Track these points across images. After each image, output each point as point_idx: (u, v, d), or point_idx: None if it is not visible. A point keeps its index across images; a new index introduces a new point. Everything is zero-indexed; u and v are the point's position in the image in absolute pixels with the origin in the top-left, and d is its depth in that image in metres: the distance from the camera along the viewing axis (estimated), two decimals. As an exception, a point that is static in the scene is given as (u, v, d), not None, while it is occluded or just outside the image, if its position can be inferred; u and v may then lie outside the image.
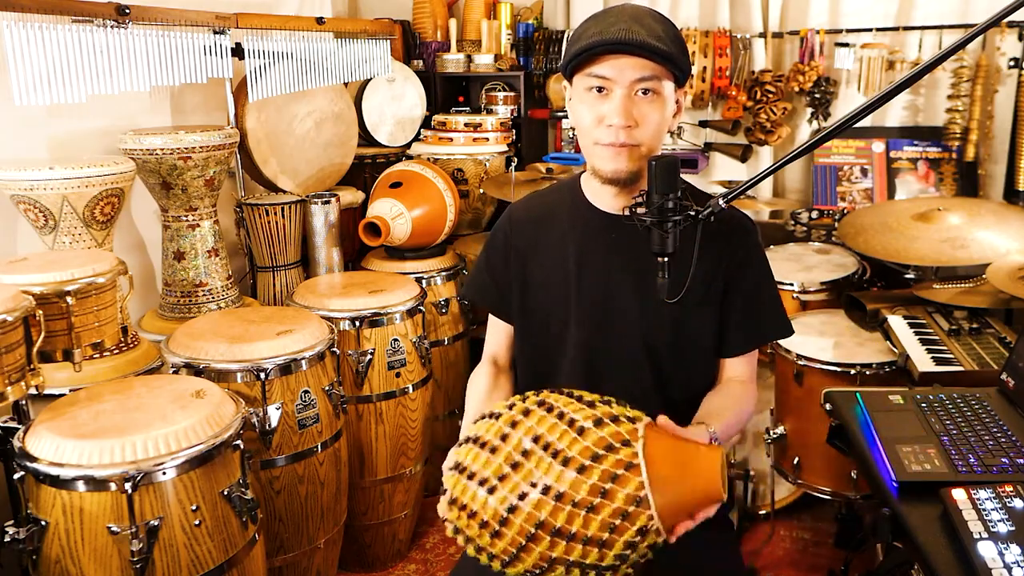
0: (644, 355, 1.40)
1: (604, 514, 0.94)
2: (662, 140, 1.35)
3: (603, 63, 1.27)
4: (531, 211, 1.51)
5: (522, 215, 1.52)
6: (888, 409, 1.44)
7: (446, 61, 3.48)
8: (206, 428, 1.55)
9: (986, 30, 1.14)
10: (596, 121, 1.31)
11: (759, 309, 1.42)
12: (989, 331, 1.99)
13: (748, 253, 1.40)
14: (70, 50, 1.90)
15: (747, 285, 1.40)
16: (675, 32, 1.30)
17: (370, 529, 2.44)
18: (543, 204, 1.51)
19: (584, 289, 1.41)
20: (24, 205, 1.95)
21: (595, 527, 0.94)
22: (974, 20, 2.88)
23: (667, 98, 1.31)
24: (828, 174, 3.16)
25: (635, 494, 0.94)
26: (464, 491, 1.01)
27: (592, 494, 0.94)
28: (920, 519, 1.12)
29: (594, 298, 1.41)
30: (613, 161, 1.32)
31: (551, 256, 1.45)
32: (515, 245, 1.49)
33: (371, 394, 2.34)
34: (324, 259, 2.74)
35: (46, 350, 1.60)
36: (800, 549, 2.49)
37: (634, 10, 1.31)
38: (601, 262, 1.41)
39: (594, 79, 1.29)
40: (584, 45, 1.27)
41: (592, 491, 0.94)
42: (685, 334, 1.40)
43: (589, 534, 0.94)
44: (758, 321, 1.43)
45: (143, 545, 1.44)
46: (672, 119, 1.35)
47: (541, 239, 1.47)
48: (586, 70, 1.29)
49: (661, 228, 1.18)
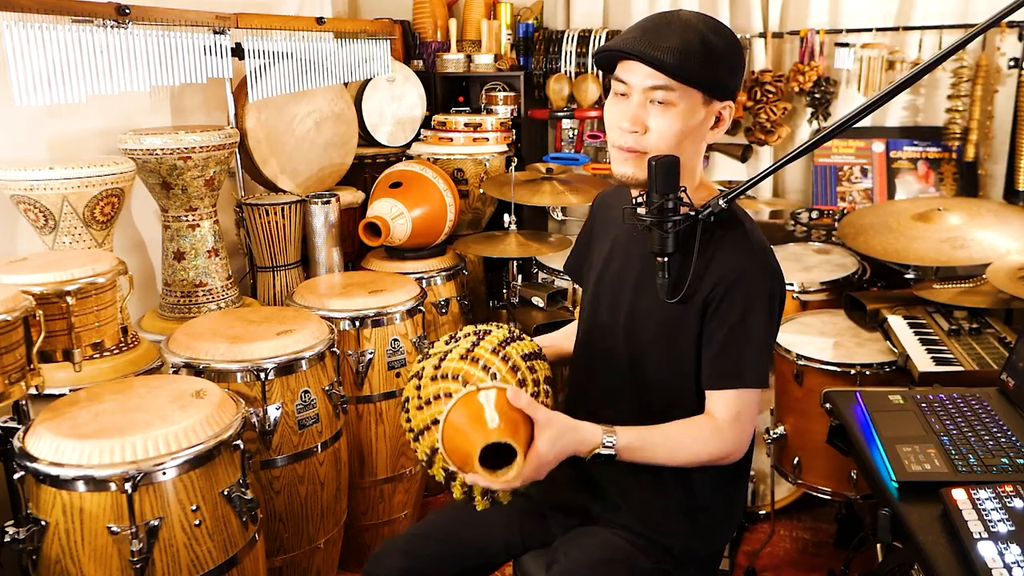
0: (626, 347, 1.42)
1: (420, 418, 1.29)
2: (680, 150, 1.30)
3: (624, 68, 1.32)
4: (611, 197, 1.60)
5: (604, 199, 1.62)
6: (888, 409, 1.44)
7: (446, 61, 3.48)
8: (206, 428, 1.55)
9: (986, 30, 1.15)
10: (613, 122, 1.35)
11: (739, 349, 1.31)
12: (989, 331, 1.99)
13: (744, 286, 1.30)
14: (70, 50, 1.90)
15: (732, 319, 1.31)
16: (705, 47, 1.25)
17: (370, 529, 2.44)
18: (618, 194, 1.56)
19: (603, 278, 1.49)
20: (24, 205, 1.95)
21: (417, 422, 1.29)
22: (974, 20, 2.88)
23: (687, 109, 1.29)
24: (828, 174, 3.16)
25: (435, 417, 1.24)
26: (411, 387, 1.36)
27: (429, 400, 1.28)
28: (920, 519, 1.12)
29: (607, 287, 1.47)
30: (621, 165, 1.36)
31: (600, 244, 1.54)
32: (591, 226, 1.62)
33: (371, 394, 2.34)
34: (324, 259, 2.74)
35: (46, 350, 1.60)
36: (800, 549, 2.49)
37: (662, 18, 1.30)
38: (621, 256, 1.47)
39: (617, 82, 1.34)
40: (599, 48, 1.32)
41: (431, 400, 1.28)
42: (669, 331, 1.36)
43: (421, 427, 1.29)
44: (727, 362, 1.32)
45: (143, 545, 1.44)
46: (710, 131, 1.35)
47: (603, 226, 1.57)
48: (615, 72, 1.34)
49: (661, 228, 1.18)
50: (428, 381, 1.30)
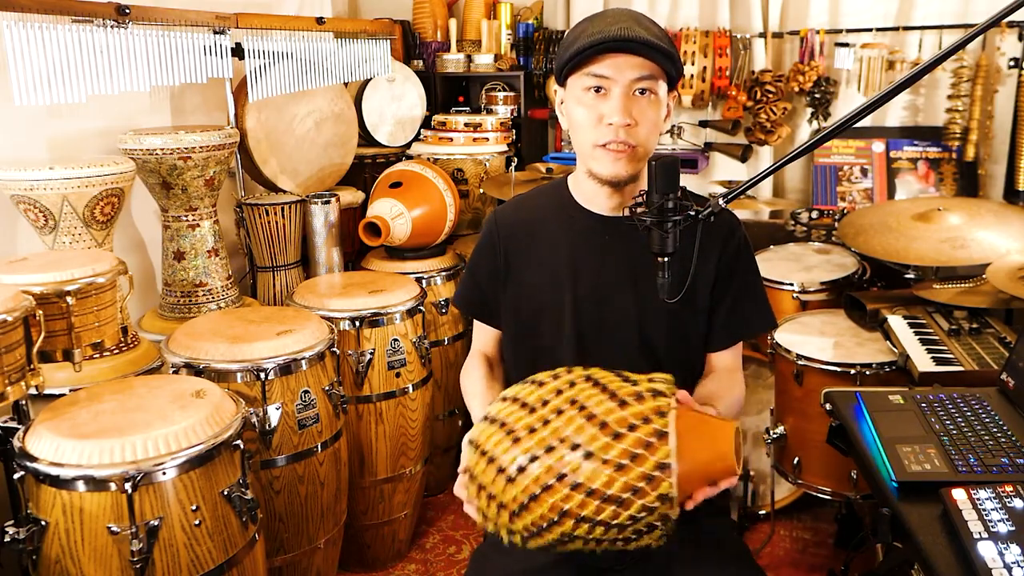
0: (641, 355, 1.41)
1: (630, 476, 0.98)
2: (656, 142, 1.36)
3: (602, 62, 1.28)
4: (519, 214, 1.51)
5: (509, 219, 1.51)
6: (888, 409, 1.44)
7: (446, 61, 3.48)
8: (206, 428, 1.55)
9: (986, 30, 1.14)
10: (595, 121, 1.31)
11: (744, 306, 1.44)
12: (989, 331, 1.99)
13: (737, 252, 1.42)
14: (70, 50, 1.90)
15: (735, 284, 1.43)
16: (668, 35, 1.33)
17: (370, 529, 2.44)
18: (530, 208, 1.51)
19: (580, 292, 1.41)
20: (24, 205, 1.95)
21: (618, 487, 0.98)
22: (974, 20, 2.88)
23: (662, 99, 1.33)
24: (828, 174, 3.16)
25: (662, 460, 0.99)
26: (488, 439, 1.06)
27: (622, 456, 0.98)
28: (920, 519, 1.12)
29: (590, 301, 1.41)
30: (613, 165, 1.32)
31: (542, 260, 1.45)
32: (504, 249, 1.49)
33: (371, 394, 2.34)
34: (324, 259, 2.74)
35: (46, 350, 1.60)
36: (800, 549, 2.49)
37: (630, 11, 1.33)
38: (596, 265, 1.41)
39: (592, 78, 1.29)
40: (587, 42, 1.26)
41: (622, 454, 0.98)
42: (682, 332, 1.41)
43: (610, 492, 0.98)
44: (742, 318, 1.45)
45: (143, 545, 1.44)
46: (663, 122, 1.36)
47: (532, 242, 1.47)
48: (584, 70, 1.29)
49: (661, 228, 1.18)
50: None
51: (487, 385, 1.48)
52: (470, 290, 1.56)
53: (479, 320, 1.57)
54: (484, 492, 1.05)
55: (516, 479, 1.01)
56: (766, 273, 2.54)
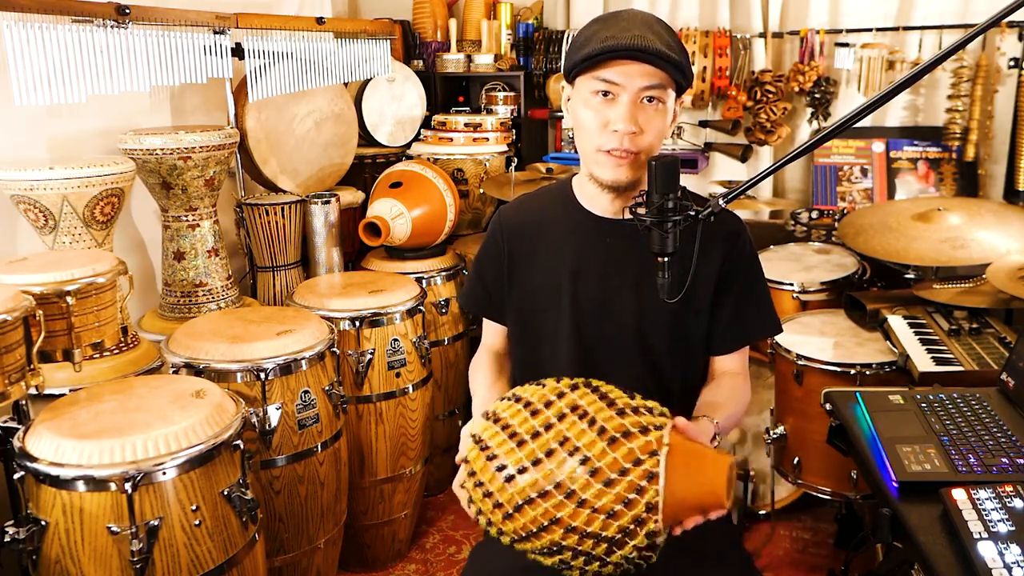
0: (642, 356, 1.41)
1: (622, 520, 1.00)
2: (660, 148, 1.36)
3: (612, 68, 1.27)
4: (523, 215, 1.51)
5: (514, 219, 1.52)
6: (888, 409, 1.44)
7: (446, 61, 3.48)
8: (206, 428, 1.55)
9: (986, 30, 1.14)
10: (601, 126, 1.30)
11: (748, 310, 1.44)
12: (989, 331, 1.99)
13: (740, 254, 1.41)
14: (70, 50, 1.90)
15: (738, 286, 1.42)
16: (680, 41, 1.31)
17: (370, 529, 2.44)
18: (535, 208, 1.51)
19: (581, 294, 1.42)
20: (24, 205, 1.95)
21: (612, 530, 1.00)
22: (974, 20, 2.88)
23: (669, 108, 1.32)
24: (828, 174, 3.16)
25: (651, 501, 1.00)
26: (494, 437, 1.07)
27: (615, 502, 1.00)
28: (920, 519, 1.12)
29: (592, 302, 1.41)
30: (615, 171, 1.32)
31: (546, 261, 1.45)
32: (509, 250, 1.49)
33: (371, 394, 2.34)
34: (324, 259, 2.74)
35: (46, 350, 1.60)
36: (800, 549, 2.49)
37: (644, 16, 1.31)
38: (598, 267, 1.41)
39: (601, 83, 1.28)
40: (598, 48, 1.25)
41: (615, 499, 1.00)
42: (682, 333, 1.41)
43: (604, 533, 1.00)
44: (746, 322, 1.44)
45: (143, 545, 1.44)
46: (668, 128, 1.36)
47: (536, 244, 1.47)
48: (593, 73, 1.29)
49: (661, 228, 1.18)
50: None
51: (493, 380, 1.50)
52: (476, 289, 1.57)
53: (486, 318, 1.58)
54: (482, 488, 1.07)
55: (514, 480, 1.03)
56: (766, 273, 2.53)
